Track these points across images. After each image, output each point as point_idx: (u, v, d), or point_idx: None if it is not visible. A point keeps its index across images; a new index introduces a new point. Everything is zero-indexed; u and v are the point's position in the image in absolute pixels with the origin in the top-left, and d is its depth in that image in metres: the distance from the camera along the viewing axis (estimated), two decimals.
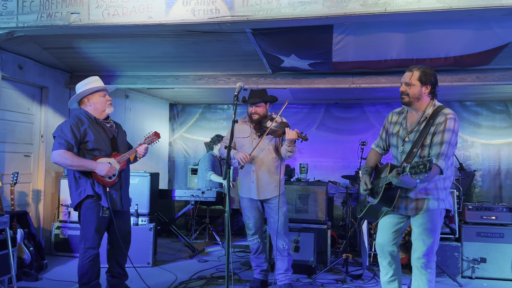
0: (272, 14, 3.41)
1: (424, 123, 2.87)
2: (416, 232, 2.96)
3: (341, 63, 4.82)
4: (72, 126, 3.44)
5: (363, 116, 7.72)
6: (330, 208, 6.57)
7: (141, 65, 5.46)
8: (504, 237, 4.63)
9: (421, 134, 2.84)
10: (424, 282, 2.92)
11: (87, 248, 3.43)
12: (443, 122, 2.79)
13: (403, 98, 2.93)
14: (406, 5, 3.22)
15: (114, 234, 3.61)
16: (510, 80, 5.02)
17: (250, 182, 4.02)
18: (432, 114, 2.86)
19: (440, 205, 2.93)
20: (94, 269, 3.48)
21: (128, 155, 3.59)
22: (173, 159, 8.27)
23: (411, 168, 2.57)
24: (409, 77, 2.90)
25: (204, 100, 7.92)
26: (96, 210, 3.44)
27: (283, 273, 4.04)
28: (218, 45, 4.51)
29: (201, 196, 5.73)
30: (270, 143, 4.04)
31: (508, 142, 7.12)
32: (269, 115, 4.04)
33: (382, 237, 3.11)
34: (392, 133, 3.11)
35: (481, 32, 3.98)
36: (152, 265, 4.91)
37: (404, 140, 2.97)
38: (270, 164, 4.02)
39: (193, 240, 6.27)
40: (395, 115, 3.14)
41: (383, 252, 3.10)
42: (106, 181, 3.47)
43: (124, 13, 3.70)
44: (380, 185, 2.94)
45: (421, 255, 2.90)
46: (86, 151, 3.47)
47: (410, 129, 2.95)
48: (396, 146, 3.05)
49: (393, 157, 3.17)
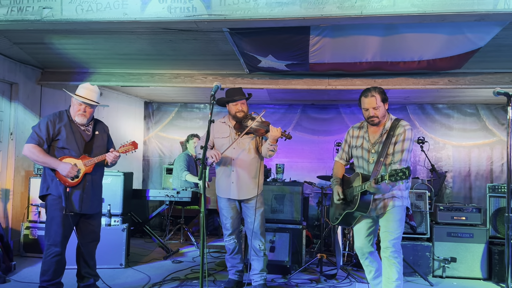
0: (249, 14, 3.40)
1: (386, 135, 3.28)
2: (384, 225, 3.28)
3: (317, 65, 4.85)
4: (49, 123, 3.54)
5: (338, 117, 7.81)
6: (305, 208, 6.61)
7: (116, 62, 5.36)
8: (473, 237, 4.76)
9: (384, 144, 3.24)
10: (394, 271, 3.19)
11: (50, 245, 3.48)
12: (402, 133, 3.22)
13: (374, 120, 3.29)
14: (382, 8, 3.27)
15: (80, 234, 3.65)
16: (480, 84, 5.17)
17: (230, 182, 3.98)
18: (391, 127, 3.28)
19: (403, 202, 3.29)
20: (56, 267, 3.48)
21: (97, 160, 3.61)
22: (148, 159, 8.15)
23: (390, 176, 2.87)
24: (374, 102, 3.25)
25: (180, 98, 7.84)
26: (59, 207, 3.47)
27: (258, 274, 4.03)
28: (195, 43, 4.47)
29: (176, 196, 5.67)
30: (250, 143, 4.02)
31: (478, 144, 7.34)
32: (249, 115, 4.02)
33: (359, 240, 3.41)
34: (355, 146, 3.45)
35: (454, 37, 4.08)
36: (125, 266, 4.82)
37: (370, 151, 3.33)
38: (251, 164, 4.00)
39: (168, 241, 6.20)
40: (356, 130, 3.50)
41: (363, 254, 3.41)
42: (67, 181, 3.50)
43: (98, 9, 3.62)
44: (354, 194, 3.23)
45: (389, 244, 3.20)
46: (56, 148, 3.55)
47: (374, 141, 3.34)
48: (362, 157, 3.39)
49: (356, 167, 3.47)
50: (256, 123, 3.89)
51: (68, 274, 3.88)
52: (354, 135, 3.49)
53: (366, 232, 3.38)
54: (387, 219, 3.25)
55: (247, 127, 3.88)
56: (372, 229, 3.38)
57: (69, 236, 3.58)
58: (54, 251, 3.46)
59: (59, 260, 3.49)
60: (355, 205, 3.18)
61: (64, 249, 3.53)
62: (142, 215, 6.48)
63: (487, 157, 7.30)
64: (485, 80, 5.16)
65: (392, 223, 3.23)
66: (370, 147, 3.34)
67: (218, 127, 4.11)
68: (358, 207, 3.17)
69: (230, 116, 4.07)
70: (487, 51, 4.36)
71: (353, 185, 3.29)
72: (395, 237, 3.21)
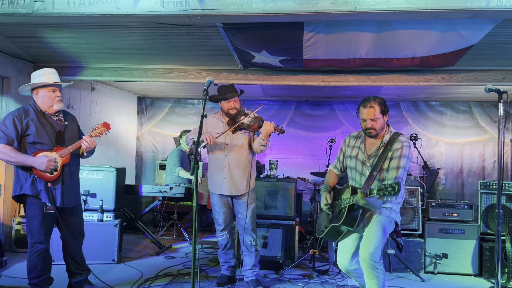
0: (243, 9, 3.38)
1: (382, 148, 3.10)
2: (365, 234, 3.06)
3: (311, 61, 4.84)
4: (15, 119, 3.37)
5: (332, 114, 7.82)
6: (298, 204, 6.62)
7: (108, 56, 5.32)
8: (465, 233, 4.80)
9: (380, 159, 3.07)
10: (374, 283, 2.99)
11: (34, 242, 3.40)
12: (399, 149, 3.04)
13: (371, 132, 3.12)
14: (376, 4, 3.26)
15: (65, 232, 3.58)
16: (473, 81, 5.19)
17: (222, 178, 3.99)
18: (389, 141, 3.11)
19: (391, 214, 3.10)
20: (43, 264, 3.44)
21: (72, 148, 3.47)
22: (141, 154, 8.11)
23: (379, 190, 2.71)
24: (373, 113, 3.07)
25: (173, 94, 7.80)
26: (39, 205, 3.39)
27: (250, 269, 4.04)
28: (188, 38, 4.45)
29: (169, 192, 5.65)
30: (243, 139, 4.02)
31: (470, 142, 7.38)
32: (242, 111, 4.01)
33: (343, 258, 3.23)
34: (350, 156, 3.27)
35: (447, 34, 4.09)
36: (117, 261, 4.81)
37: (364, 163, 3.16)
38: (243, 160, 4.01)
39: (161, 237, 6.19)
40: (353, 139, 3.33)
41: (347, 271, 3.26)
42: (47, 177, 3.39)
43: (90, 2, 3.58)
44: (342, 206, 3.05)
45: (367, 255, 2.96)
46: (28, 145, 3.40)
47: (369, 153, 3.16)
48: (355, 168, 3.22)
49: (349, 179, 3.30)
50: (249, 119, 3.90)
51: (58, 269, 3.87)
52: (350, 145, 3.32)
53: (352, 249, 3.19)
54: (370, 226, 3.06)
55: (242, 123, 3.88)
56: (357, 243, 3.17)
57: (51, 231, 3.52)
58: (38, 248, 3.39)
59: (44, 257, 3.44)
60: (341, 219, 2.99)
61: (48, 245, 3.48)
62: (135, 211, 6.46)
63: (479, 154, 7.34)
64: (478, 78, 5.19)
65: (374, 231, 3.02)
66: (365, 159, 3.17)
67: (211, 122, 4.10)
68: (344, 221, 2.98)
69: (223, 112, 4.06)
70: (480, 48, 4.37)
71: (342, 197, 3.13)
72: (374, 246, 2.96)
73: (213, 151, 4.06)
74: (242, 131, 3.99)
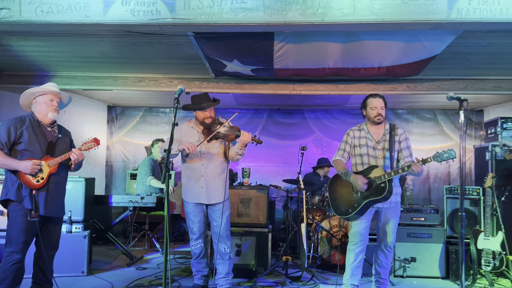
0: (213, 18, 3.42)
1: (388, 134, 3.86)
2: (392, 223, 3.86)
3: (282, 70, 4.93)
4: (11, 127, 3.44)
5: (303, 122, 7.94)
6: (271, 212, 6.66)
7: (77, 65, 5.24)
8: (432, 237, 4.93)
9: (391, 142, 3.84)
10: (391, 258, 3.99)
11: (11, 252, 3.36)
12: (403, 133, 3.92)
13: (380, 119, 3.85)
14: (342, 16, 3.37)
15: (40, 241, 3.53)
16: (437, 90, 5.40)
17: (199, 187, 3.97)
18: (391, 128, 3.90)
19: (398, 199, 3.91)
20: (15, 275, 3.37)
21: (60, 159, 3.50)
22: (111, 164, 7.97)
23: (435, 157, 3.59)
24: (382, 102, 3.87)
25: (145, 103, 7.73)
26: (21, 213, 3.37)
27: (223, 277, 4.03)
28: (159, 47, 4.44)
29: (140, 201, 5.58)
30: (219, 147, 4.02)
31: (436, 148, 7.61)
32: (217, 119, 4.02)
33: (365, 228, 3.85)
34: (360, 145, 3.91)
35: (411, 44, 4.25)
36: (87, 273, 4.70)
37: (376, 148, 3.86)
38: (219, 169, 4.02)
39: (132, 248, 6.08)
40: (356, 131, 3.97)
41: (363, 241, 3.85)
42: (32, 184, 3.40)
43: (59, 10, 3.54)
44: (379, 182, 3.69)
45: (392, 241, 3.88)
46: (18, 152, 3.44)
47: (378, 139, 3.88)
48: (367, 154, 3.87)
49: (358, 165, 3.91)
50: (225, 128, 3.90)
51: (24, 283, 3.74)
52: (356, 136, 3.95)
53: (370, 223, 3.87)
54: (395, 216, 3.87)
55: (217, 132, 3.88)
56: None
57: (31, 242, 3.48)
58: (15, 258, 3.33)
59: (18, 268, 3.37)
60: (383, 192, 3.65)
61: (24, 256, 3.41)
62: (105, 221, 6.33)
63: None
64: (442, 86, 5.40)
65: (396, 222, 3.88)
66: (375, 145, 3.86)
67: (186, 130, 4.08)
68: (387, 193, 3.64)
69: (198, 121, 4.06)
70: (443, 58, 4.56)
71: (371, 176, 3.74)
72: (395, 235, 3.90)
73: (189, 160, 4.04)
74: (218, 140, 3.99)
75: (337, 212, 3.96)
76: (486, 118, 7.36)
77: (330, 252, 5.33)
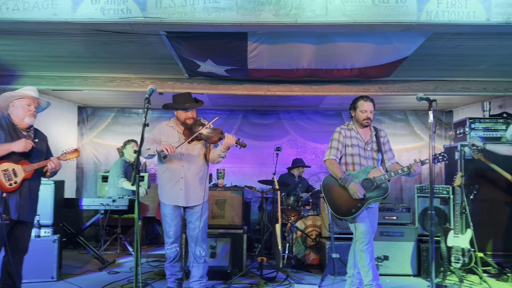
0: (186, 18, 3.38)
1: (375, 136, 3.97)
2: (376, 222, 4.03)
3: (256, 71, 4.92)
4: None
5: (278, 123, 7.96)
6: (246, 213, 6.64)
7: (46, 64, 5.09)
8: (404, 235, 5.02)
9: (378, 143, 3.95)
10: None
11: None
12: (385, 136, 4.06)
13: (368, 122, 3.93)
14: (315, 17, 3.39)
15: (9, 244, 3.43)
16: (408, 91, 5.50)
17: (178, 189, 3.89)
18: (376, 130, 4.02)
19: None
20: None
21: (37, 166, 3.47)
22: (82, 166, 7.78)
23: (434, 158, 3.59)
24: (372, 106, 3.94)
25: (116, 103, 7.58)
26: None
27: (197, 281, 3.98)
28: (131, 46, 4.36)
29: (111, 204, 5.46)
30: (200, 149, 3.96)
31: (407, 148, 7.80)
32: (198, 120, 3.96)
33: (369, 226, 3.86)
34: (352, 145, 3.91)
35: (382, 46, 4.32)
36: (57, 279, 4.56)
37: (365, 149, 3.92)
38: (199, 171, 3.95)
39: (104, 252, 5.94)
40: (347, 131, 3.98)
41: (371, 238, 3.85)
42: (5, 187, 3.33)
43: (25, 8, 3.44)
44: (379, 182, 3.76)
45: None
46: None
47: (366, 140, 3.94)
48: (358, 154, 3.90)
49: (349, 164, 3.89)
50: (207, 130, 3.85)
51: None
52: (347, 135, 3.95)
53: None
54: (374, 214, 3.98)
55: (199, 134, 3.82)
56: None
57: (1, 247, 3.38)
58: None
59: None
60: (385, 192, 3.76)
61: None
62: (76, 225, 6.17)
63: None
64: (412, 88, 5.51)
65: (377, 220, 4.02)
66: (365, 145, 3.92)
67: (165, 130, 3.99)
68: (388, 193, 3.77)
69: (178, 121, 3.99)
70: (414, 60, 4.65)
71: (370, 176, 3.76)
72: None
73: (168, 161, 3.94)
74: (200, 141, 3.93)
75: (338, 213, 3.84)
76: (456, 118, 7.56)
77: (305, 252, 5.36)
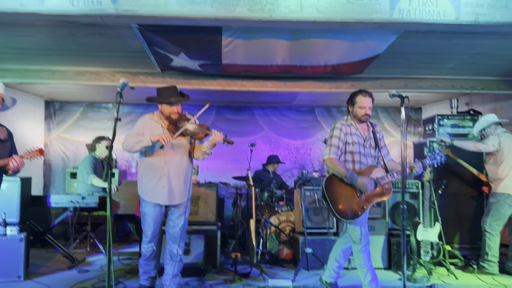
0: (159, 11, 3.32)
1: (371, 132, 3.82)
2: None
3: (231, 66, 4.89)
4: None
5: (252, 119, 7.96)
6: (220, 209, 6.61)
7: (11, 57, 4.90)
8: (375, 229, 5.11)
9: (375, 139, 3.82)
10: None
11: None
12: (380, 131, 3.91)
13: (367, 118, 3.76)
14: (290, 13, 3.39)
15: None
16: (379, 88, 5.61)
17: (161, 186, 3.76)
18: (371, 125, 3.87)
19: None
20: None
21: None
22: (49, 162, 7.55)
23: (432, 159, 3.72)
24: (371, 102, 3.76)
25: (86, 98, 7.38)
26: None
27: (170, 278, 3.92)
28: (101, 39, 4.24)
29: (81, 201, 5.32)
30: (184, 146, 3.85)
31: None
32: (183, 115, 3.85)
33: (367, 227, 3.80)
34: (352, 142, 3.75)
35: (355, 44, 4.37)
36: (24, 278, 4.41)
37: (365, 146, 3.78)
38: (183, 168, 3.84)
39: (73, 250, 5.78)
40: (347, 127, 3.79)
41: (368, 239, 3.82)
42: None
43: None
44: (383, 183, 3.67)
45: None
46: None
47: (365, 137, 3.80)
48: (359, 151, 3.75)
49: (349, 162, 3.73)
50: (193, 125, 3.74)
51: None
52: (348, 132, 3.77)
53: None
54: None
55: (184, 129, 3.70)
56: None
57: None
58: None
59: None
60: (389, 192, 3.70)
61: None
62: (43, 223, 5.98)
63: None
64: (384, 85, 5.61)
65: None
66: (364, 142, 3.78)
67: (149, 124, 3.84)
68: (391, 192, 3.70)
69: (163, 116, 3.86)
70: (385, 57, 4.73)
71: (374, 176, 3.65)
72: None
73: (150, 156, 3.80)
74: (185, 137, 3.81)
75: (342, 216, 3.65)
76: (424, 115, 7.76)
77: (279, 247, 5.39)
